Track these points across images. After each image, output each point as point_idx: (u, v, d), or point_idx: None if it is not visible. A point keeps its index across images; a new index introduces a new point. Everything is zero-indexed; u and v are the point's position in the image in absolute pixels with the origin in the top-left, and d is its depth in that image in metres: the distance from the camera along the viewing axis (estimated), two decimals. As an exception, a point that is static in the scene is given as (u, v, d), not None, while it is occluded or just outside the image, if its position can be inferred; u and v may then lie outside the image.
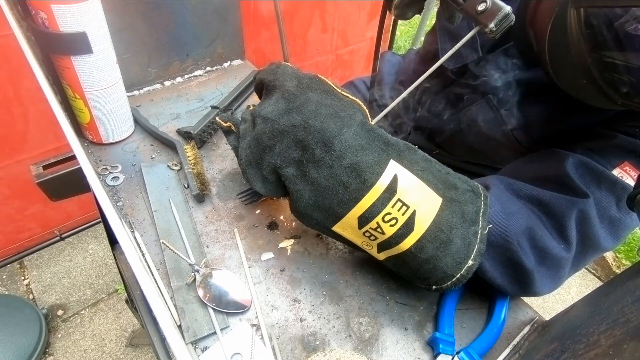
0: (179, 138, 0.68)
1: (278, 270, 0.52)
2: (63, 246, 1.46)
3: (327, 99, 0.42)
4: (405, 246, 0.40)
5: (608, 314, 0.35)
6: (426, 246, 0.40)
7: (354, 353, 0.44)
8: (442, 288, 0.42)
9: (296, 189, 0.42)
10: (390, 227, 0.39)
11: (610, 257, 1.63)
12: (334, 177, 0.39)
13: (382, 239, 0.40)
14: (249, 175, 0.44)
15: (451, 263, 0.40)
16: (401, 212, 0.39)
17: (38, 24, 0.52)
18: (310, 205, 0.42)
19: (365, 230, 0.40)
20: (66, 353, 1.21)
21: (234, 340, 0.44)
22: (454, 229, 0.40)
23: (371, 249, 0.43)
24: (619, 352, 0.30)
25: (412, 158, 0.41)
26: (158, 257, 0.51)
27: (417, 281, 0.45)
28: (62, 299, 1.33)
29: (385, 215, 0.39)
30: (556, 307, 1.53)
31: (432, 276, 0.41)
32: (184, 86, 0.82)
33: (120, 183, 0.60)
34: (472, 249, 0.40)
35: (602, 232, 0.46)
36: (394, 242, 0.40)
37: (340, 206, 0.40)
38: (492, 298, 0.51)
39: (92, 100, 0.60)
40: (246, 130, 0.45)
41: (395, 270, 0.46)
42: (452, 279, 0.41)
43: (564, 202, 0.45)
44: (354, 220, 0.40)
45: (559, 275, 0.46)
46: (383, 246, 0.41)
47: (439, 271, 0.41)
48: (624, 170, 0.47)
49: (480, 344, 0.45)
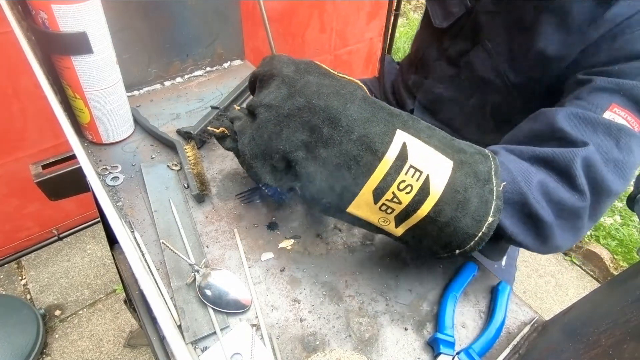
0: (179, 138, 0.68)
1: (278, 270, 0.52)
2: (61, 246, 1.46)
3: (325, 79, 0.43)
4: (423, 212, 0.40)
5: (608, 314, 0.35)
6: (444, 209, 0.39)
7: (354, 353, 0.44)
8: (466, 250, 0.42)
9: (308, 172, 0.41)
10: (406, 194, 0.39)
11: (607, 259, 1.63)
12: (345, 153, 0.39)
13: (399, 209, 0.40)
14: (257, 169, 0.44)
15: (471, 222, 0.40)
16: (415, 178, 0.38)
17: (38, 23, 0.52)
18: (323, 188, 0.41)
19: (381, 204, 0.40)
20: (63, 353, 1.21)
21: (234, 340, 0.44)
22: (469, 188, 0.40)
23: (389, 224, 0.43)
24: (619, 352, 0.30)
25: (417, 127, 0.42)
26: (158, 257, 0.51)
27: (439, 250, 0.44)
28: (59, 299, 1.33)
29: (399, 184, 0.39)
30: (554, 308, 1.53)
31: (454, 239, 0.41)
32: (184, 86, 0.81)
33: (120, 183, 0.60)
34: (490, 205, 0.40)
35: (610, 176, 0.46)
36: (412, 210, 0.40)
37: (354, 182, 0.40)
38: (492, 298, 0.51)
39: (92, 100, 0.60)
40: (244, 126, 0.45)
41: (414, 246, 0.45)
42: (474, 238, 0.41)
43: (566, 154, 0.45)
44: (368, 195, 0.40)
45: (578, 226, 0.46)
46: (401, 217, 0.41)
47: (460, 232, 0.40)
48: (613, 112, 0.48)
49: (480, 344, 0.45)
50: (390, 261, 0.54)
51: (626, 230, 1.69)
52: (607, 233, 1.71)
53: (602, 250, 1.66)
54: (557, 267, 1.68)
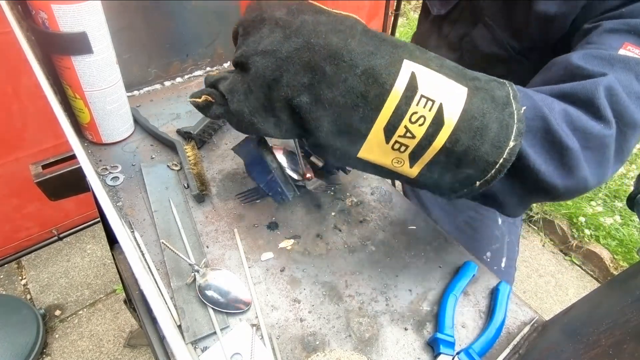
0: (179, 138, 0.68)
1: (278, 270, 0.52)
2: (61, 246, 1.46)
3: (322, 17, 0.40)
4: (439, 144, 0.37)
5: (608, 314, 0.35)
6: (461, 137, 0.37)
7: (354, 353, 0.44)
8: (487, 181, 0.39)
9: (314, 117, 0.38)
10: (419, 127, 0.37)
11: (607, 259, 1.63)
12: (350, 90, 0.37)
13: (413, 144, 0.38)
14: (259, 125, 0.40)
15: (491, 149, 0.38)
16: (427, 108, 0.36)
17: (38, 23, 0.52)
18: (331, 133, 0.39)
19: (393, 142, 0.38)
20: (63, 353, 1.21)
21: (234, 340, 0.44)
22: (487, 114, 0.38)
23: (403, 164, 0.40)
24: (619, 352, 0.30)
25: (425, 56, 0.39)
26: (158, 257, 0.51)
27: (459, 187, 0.41)
28: (59, 299, 1.33)
29: (411, 116, 0.36)
30: (554, 308, 1.53)
31: (474, 170, 0.39)
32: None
33: (120, 183, 0.60)
34: (511, 129, 0.38)
35: (634, 107, 0.44)
36: (427, 142, 0.37)
37: (363, 121, 0.37)
38: (492, 298, 0.51)
39: (92, 100, 0.60)
40: (234, 83, 0.41)
41: (432, 187, 0.43)
42: (494, 166, 0.38)
43: (587, 85, 0.43)
44: (379, 133, 0.38)
45: (605, 157, 0.43)
46: (416, 154, 0.39)
47: (480, 161, 0.38)
48: (627, 50, 0.46)
49: (480, 344, 0.46)
50: (390, 261, 0.54)
51: (626, 230, 1.69)
52: (607, 233, 1.71)
53: (602, 250, 1.66)
54: (557, 267, 1.68)
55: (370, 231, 0.58)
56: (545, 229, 1.81)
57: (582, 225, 1.73)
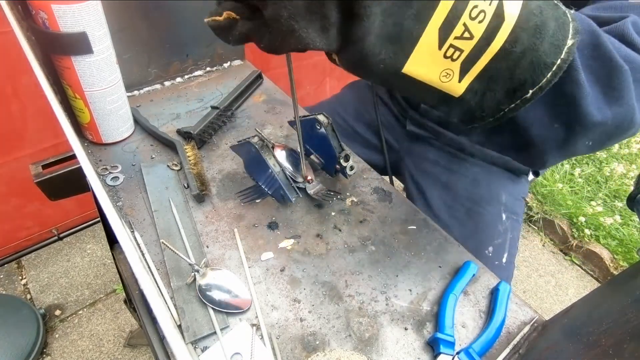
0: (179, 138, 0.68)
1: (278, 270, 0.52)
2: (61, 246, 1.46)
3: None
4: (497, 44, 0.34)
5: (608, 314, 0.35)
6: (521, 36, 0.34)
7: (354, 353, 0.44)
8: (541, 87, 0.36)
9: (368, 14, 0.31)
10: (478, 24, 0.33)
11: (607, 259, 1.63)
12: None
13: (469, 48, 0.34)
14: (301, 31, 0.33)
15: (549, 49, 0.34)
16: (487, 1, 0.32)
17: (38, 23, 0.52)
18: (380, 38, 0.33)
19: (447, 46, 0.33)
20: (64, 353, 1.21)
21: (234, 340, 0.44)
22: (544, 10, 0.34)
23: (451, 78, 0.36)
24: (619, 352, 0.30)
25: None
26: (158, 257, 0.51)
27: (506, 100, 0.37)
28: (59, 299, 1.33)
29: (472, 10, 0.32)
30: (554, 308, 1.53)
31: (529, 74, 0.35)
32: (184, 86, 0.81)
33: (120, 183, 0.60)
34: (567, 27, 0.35)
35: None
36: (484, 44, 0.34)
37: (417, 20, 0.32)
38: (492, 298, 0.51)
39: (92, 101, 0.60)
40: None
41: (475, 105, 0.38)
42: (552, 67, 0.35)
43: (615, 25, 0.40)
44: (433, 36, 0.33)
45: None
46: (469, 60, 0.35)
47: (537, 63, 0.35)
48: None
49: (480, 343, 0.46)
50: (390, 261, 0.54)
51: (626, 230, 1.69)
52: (607, 233, 1.71)
53: (602, 250, 1.66)
54: (557, 267, 1.68)
55: (370, 231, 0.58)
56: (545, 229, 1.81)
57: (582, 225, 1.73)
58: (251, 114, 0.76)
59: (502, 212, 0.79)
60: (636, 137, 2.14)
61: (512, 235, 0.79)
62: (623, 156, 2.05)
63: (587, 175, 1.95)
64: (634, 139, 2.13)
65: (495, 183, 0.80)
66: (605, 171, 1.96)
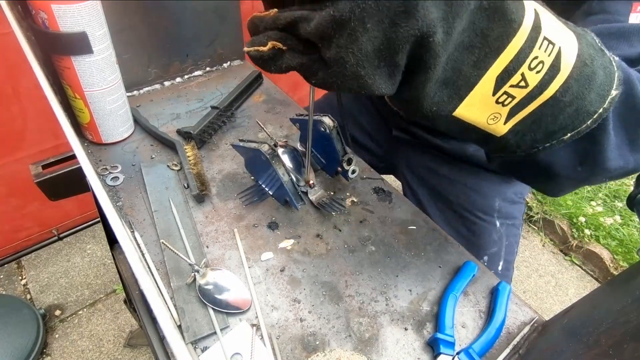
0: (179, 138, 0.68)
1: (278, 270, 0.52)
2: (61, 246, 1.46)
3: None
4: (549, 93, 0.33)
5: (608, 314, 0.35)
6: (572, 86, 0.33)
7: (354, 353, 0.44)
8: (579, 132, 0.36)
9: (436, 62, 0.30)
10: (535, 74, 0.32)
11: (607, 259, 1.63)
12: (472, 25, 0.29)
13: (521, 95, 0.33)
14: (367, 77, 0.30)
15: (595, 98, 0.35)
16: (547, 52, 0.32)
17: (38, 23, 0.52)
18: (437, 83, 0.31)
19: (501, 93, 0.33)
20: (64, 353, 1.21)
21: (234, 340, 0.44)
22: (594, 60, 0.34)
23: (497, 122, 0.35)
24: (619, 352, 0.30)
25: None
26: (158, 257, 0.51)
27: (543, 141, 0.37)
28: (59, 299, 1.33)
29: (532, 61, 0.31)
30: (554, 308, 1.53)
31: (571, 121, 0.36)
32: (184, 86, 0.81)
33: (120, 183, 0.60)
34: (614, 77, 0.35)
35: None
36: (537, 93, 0.33)
37: (476, 67, 0.31)
38: (492, 298, 0.51)
39: (92, 101, 0.60)
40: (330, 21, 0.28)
41: (513, 145, 0.38)
42: (593, 115, 0.35)
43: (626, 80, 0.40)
44: (490, 83, 0.32)
45: None
46: (518, 107, 0.34)
47: (582, 111, 0.35)
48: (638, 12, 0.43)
49: (480, 344, 0.46)
50: (390, 261, 0.54)
51: (626, 230, 1.69)
52: (607, 233, 1.71)
53: (602, 250, 1.66)
54: (557, 267, 1.68)
55: (370, 231, 0.58)
56: (545, 229, 1.81)
57: (582, 225, 1.73)
58: (251, 114, 0.76)
59: (496, 219, 0.78)
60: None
61: (508, 242, 0.78)
62: (623, 156, 2.05)
63: (587, 175, 1.94)
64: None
65: (487, 189, 0.78)
66: (605, 171, 1.95)
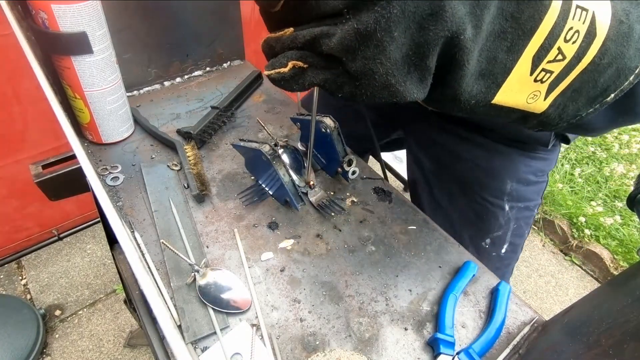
0: (179, 138, 0.68)
1: (278, 270, 0.52)
2: (61, 246, 1.46)
3: None
4: (588, 59, 0.32)
5: (608, 314, 0.35)
6: (610, 47, 0.32)
7: (354, 353, 0.44)
8: (622, 90, 0.35)
9: (468, 58, 0.29)
10: (571, 45, 0.31)
11: (607, 259, 1.63)
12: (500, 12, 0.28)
13: (558, 69, 0.32)
14: (398, 85, 0.29)
15: (634, 53, 0.33)
16: (581, 20, 0.30)
17: (38, 23, 0.52)
18: (473, 76, 0.31)
19: (539, 71, 0.32)
20: (64, 353, 1.21)
21: (234, 340, 0.44)
22: (629, 14, 0.33)
23: (536, 100, 0.34)
24: (619, 352, 0.30)
25: None
26: (158, 257, 0.51)
27: (587, 107, 0.36)
28: (59, 299, 1.33)
29: (567, 33, 0.30)
30: (554, 308, 1.53)
31: (613, 81, 0.35)
32: (184, 86, 0.81)
33: (120, 183, 0.60)
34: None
35: None
36: (575, 62, 0.32)
37: (510, 52, 0.30)
38: (492, 298, 0.51)
39: (92, 101, 0.60)
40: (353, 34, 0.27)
41: (555, 119, 0.37)
42: (635, 71, 0.34)
43: None
44: (526, 65, 0.31)
45: None
46: (557, 80, 0.33)
47: (622, 69, 0.34)
48: None
49: (480, 344, 0.46)
50: (390, 261, 0.54)
51: (626, 230, 1.69)
52: (607, 233, 1.71)
53: (602, 250, 1.66)
54: (557, 267, 1.68)
55: (370, 231, 0.58)
56: (545, 229, 1.81)
57: (582, 225, 1.73)
58: (251, 113, 0.76)
59: (505, 203, 0.73)
60: (636, 137, 2.14)
61: (516, 225, 0.74)
62: (623, 156, 2.05)
63: (587, 175, 1.95)
64: (634, 138, 2.13)
65: (500, 169, 0.71)
66: (605, 171, 1.96)
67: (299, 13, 0.29)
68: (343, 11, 0.27)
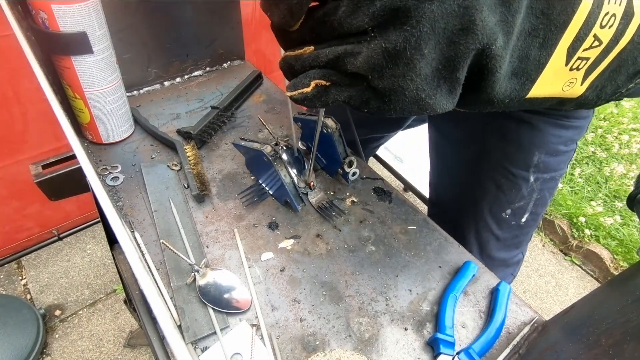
0: (179, 138, 0.68)
1: (278, 270, 0.52)
2: (61, 246, 1.46)
3: None
4: (625, 40, 0.31)
5: (608, 314, 0.35)
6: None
7: (354, 353, 0.44)
8: None
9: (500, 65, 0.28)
10: (608, 30, 0.30)
11: (607, 259, 1.63)
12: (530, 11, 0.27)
13: (595, 55, 0.31)
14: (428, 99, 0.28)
15: None
16: (617, 2, 0.29)
17: (38, 23, 0.52)
18: (506, 77, 0.30)
19: (574, 60, 0.31)
20: (64, 353, 1.21)
21: (234, 340, 0.44)
22: None
23: (573, 86, 0.33)
24: (619, 352, 0.30)
25: None
26: (158, 257, 0.51)
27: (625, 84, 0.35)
28: (59, 299, 1.33)
29: (603, 19, 0.29)
30: (554, 308, 1.53)
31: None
32: (184, 86, 0.81)
33: (120, 183, 0.60)
34: None
35: None
36: (612, 45, 0.31)
37: (543, 48, 0.29)
38: (492, 298, 0.51)
39: (92, 100, 0.60)
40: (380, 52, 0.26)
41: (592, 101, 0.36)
42: None
43: None
44: (561, 57, 0.30)
45: None
46: (594, 65, 0.32)
47: None
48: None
49: (480, 344, 0.46)
50: (390, 261, 0.54)
51: (626, 230, 1.69)
52: (607, 233, 1.71)
53: (602, 250, 1.66)
54: (557, 267, 1.68)
55: (370, 231, 0.58)
56: (545, 229, 1.81)
57: (582, 225, 1.73)
58: (251, 113, 0.76)
59: (531, 174, 0.69)
60: (636, 137, 2.14)
61: (540, 195, 0.71)
62: (623, 156, 2.05)
63: (587, 175, 1.95)
64: (634, 138, 2.13)
65: (529, 141, 0.67)
66: (605, 171, 1.96)
67: (320, 32, 0.28)
68: (367, 30, 0.26)
